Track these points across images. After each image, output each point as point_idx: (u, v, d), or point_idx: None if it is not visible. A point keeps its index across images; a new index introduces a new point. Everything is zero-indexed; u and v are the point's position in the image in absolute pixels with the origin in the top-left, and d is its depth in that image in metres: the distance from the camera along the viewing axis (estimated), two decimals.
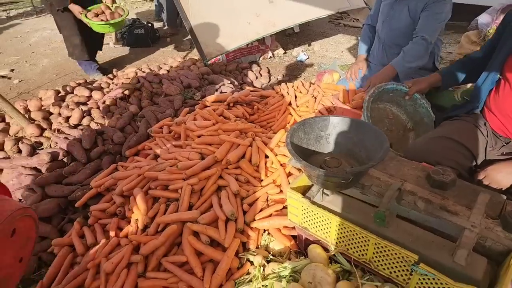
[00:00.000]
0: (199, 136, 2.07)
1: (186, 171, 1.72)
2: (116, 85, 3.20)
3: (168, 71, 3.56)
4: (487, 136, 1.55)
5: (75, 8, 3.35)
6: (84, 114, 2.65)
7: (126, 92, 2.94)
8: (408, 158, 1.42)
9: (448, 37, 4.76)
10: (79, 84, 3.18)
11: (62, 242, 1.66)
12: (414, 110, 1.93)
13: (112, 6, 3.54)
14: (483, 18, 3.47)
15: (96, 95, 2.95)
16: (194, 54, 4.34)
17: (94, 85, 3.24)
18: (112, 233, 1.64)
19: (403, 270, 1.06)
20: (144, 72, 3.44)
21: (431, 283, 0.99)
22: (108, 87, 3.20)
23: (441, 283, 0.96)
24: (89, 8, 3.42)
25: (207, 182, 1.73)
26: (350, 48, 4.79)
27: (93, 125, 2.57)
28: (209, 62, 3.67)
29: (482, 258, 1.02)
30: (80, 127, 2.57)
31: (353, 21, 5.91)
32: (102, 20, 3.35)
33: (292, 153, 1.10)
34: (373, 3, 2.76)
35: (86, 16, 3.33)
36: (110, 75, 3.57)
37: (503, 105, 1.46)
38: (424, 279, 1.00)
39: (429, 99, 2.48)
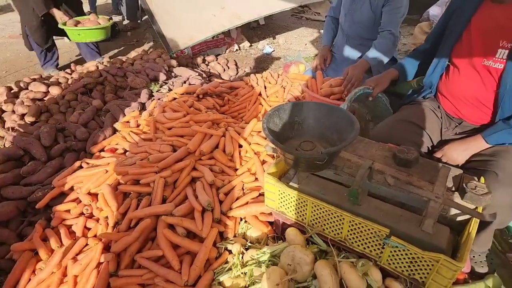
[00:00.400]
0: (169, 129, 2.02)
1: (158, 164, 1.67)
2: (76, 80, 3.01)
3: (132, 64, 3.41)
4: (441, 118, 1.67)
5: (56, 13, 3.26)
6: (42, 111, 2.48)
7: (89, 85, 2.77)
8: None
9: (402, 29, 5.06)
10: (34, 80, 2.95)
11: (22, 246, 1.53)
12: (374, 105, 2.05)
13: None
14: (433, 10, 3.74)
15: (54, 90, 2.76)
16: (157, 48, 4.19)
17: (51, 80, 3.02)
18: (79, 233, 1.55)
19: (376, 245, 1.12)
20: (106, 65, 3.27)
21: (401, 255, 1.06)
22: (67, 82, 3.00)
23: (411, 253, 1.03)
24: (75, 18, 3.38)
25: (180, 174, 1.69)
26: (313, 41, 4.91)
27: (52, 122, 2.40)
28: (174, 55, 3.57)
29: (445, 227, 1.11)
30: (38, 124, 2.39)
31: (315, 15, 6.07)
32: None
33: (270, 137, 1.11)
34: None
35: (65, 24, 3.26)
36: (68, 70, 3.35)
37: (453, 89, 1.58)
38: (395, 251, 1.07)
39: (389, 87, 2.61)
